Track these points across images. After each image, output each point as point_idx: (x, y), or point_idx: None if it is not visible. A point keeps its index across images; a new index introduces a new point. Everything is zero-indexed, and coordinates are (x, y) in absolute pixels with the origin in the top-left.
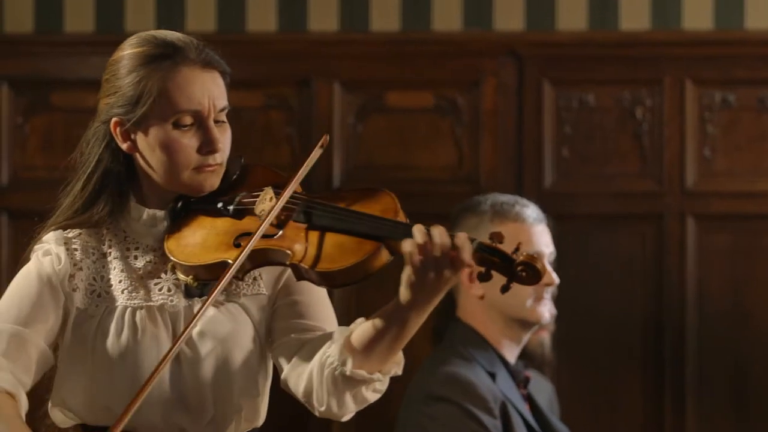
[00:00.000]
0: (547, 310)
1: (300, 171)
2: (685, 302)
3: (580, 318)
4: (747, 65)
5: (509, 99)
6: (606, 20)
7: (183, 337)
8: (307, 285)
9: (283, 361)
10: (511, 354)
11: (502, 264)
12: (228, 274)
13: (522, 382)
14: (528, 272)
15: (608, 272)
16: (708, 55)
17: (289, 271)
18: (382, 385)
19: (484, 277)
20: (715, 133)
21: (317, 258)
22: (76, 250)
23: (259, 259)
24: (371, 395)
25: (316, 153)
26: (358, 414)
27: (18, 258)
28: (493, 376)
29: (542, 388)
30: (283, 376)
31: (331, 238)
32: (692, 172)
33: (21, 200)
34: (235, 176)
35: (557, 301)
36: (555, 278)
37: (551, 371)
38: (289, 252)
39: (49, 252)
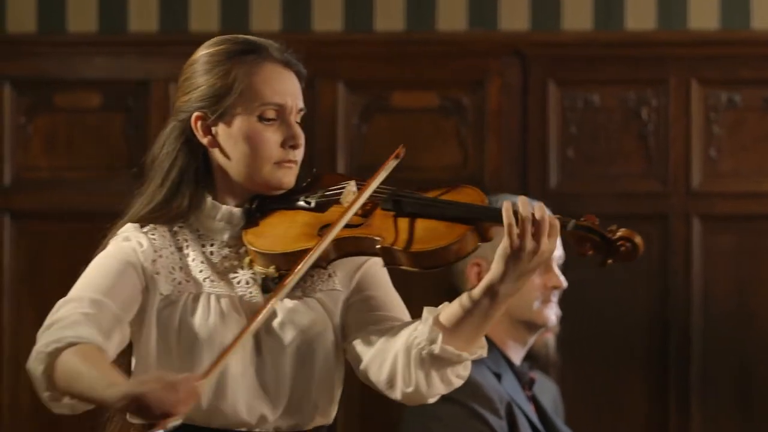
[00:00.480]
0: (553, 313)
1: (387, 163)
2: (690, 303)
3: (585, 318)
4: (753, 65)
5: (514, 99)
6: (611, 20)
7: (273, 301)
8: (381, 281)
9: (362, 352)
10: (517, 355)
11: (601, 241)
12: (317, 249)
13: (527, 384)
14: (627, 246)
15: (613, 273)
16: (713, 55)
17: (363, 268)
18: (465, 369)
19: (582, 254)
20: (720, 134)
21: (409, 241)
22: (154, 239)
23: (346, 247)
24: (455, 379)
25: (391, 164)
26: (362, 414)
27: (21, 259)
28: (498, 376)
29: (547, 389)
30: (362, 366)
31: (421, 223)
32: (698, 173)
33: (24, 201)
34: (305, 183)
35: (562, 301)
36: (563, 281)
37: (555, 372)
38: (377, 238)
39: (129, 238)
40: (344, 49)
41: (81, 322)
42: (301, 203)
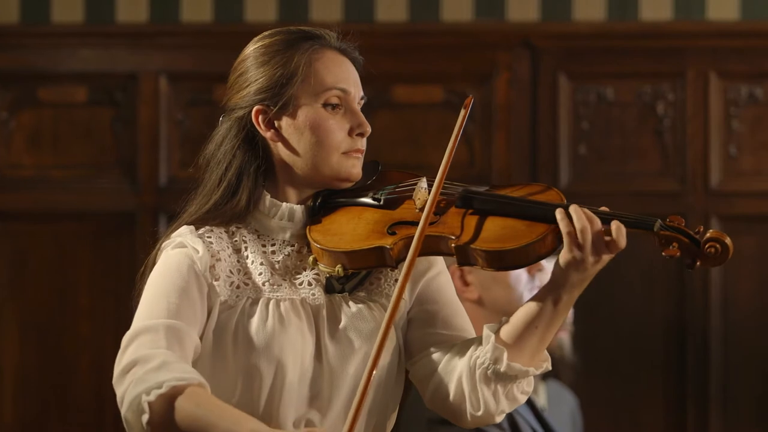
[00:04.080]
0: None
1: (453, 139)
2: (709, 308)
3: (599, 325)
4: None
5: (523, 93)
6: (626, 10)
7: (385, 328)
8: (444, 295)
9: (426, 377)
10: None
11: (689, 243)
12: (419, 234)
13: None
14: (716, 248)
15: (628, 276)
16: (734, 47)
17: (425, 279)
18: (529, 385)
19: (669, 255)
20: (741, 130)
21: (485, 239)
22: (211, 242)
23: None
24: (521, 396)
25: (461, 122)
26: None
27: (3, 262)
28: None
29: (565, 401)
30: (428, 394)
31: (498, 221)
32: (717, 171)
33: (6, 201)
34: (370, 181)
35: (575, 307)
36: (545, 263)
37: (573, 375)
38: (452, 236)
39: (184, 244)
40: (341, 36)
41: (171, 360)
42: (368, 200)
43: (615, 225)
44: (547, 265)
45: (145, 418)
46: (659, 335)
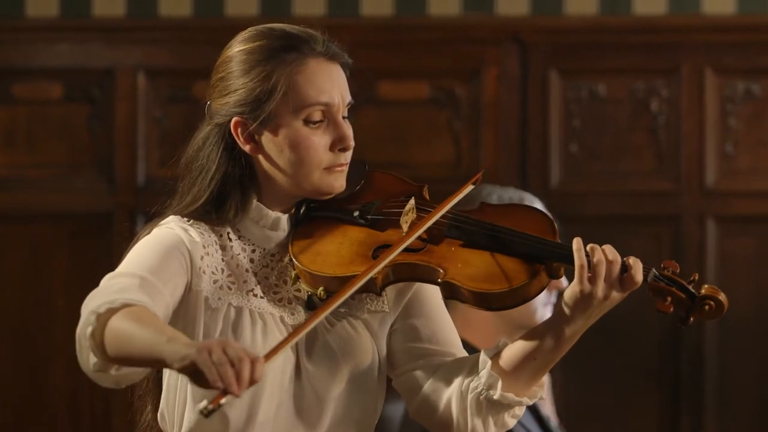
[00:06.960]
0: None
1: (455, 197)
2: None
3: (590, 331)
4: None
5: (512, 90)
6: (618, 4)
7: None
8: (431, 307)
9: (412, 390)
10: None
11: (685, 298)
12: (355, 286)
13: None
14: (711, 305)
15: None
16: (730, 42)
17: (411, 291)
18: (521, 410)
19: (662, 310)
20: (737, 127)
21: (473, 277)
22: (201, 233)
23: (404, 273)
24: (510, 421)
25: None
26: None
27: None
28: None
29: None
30: (414, 407)
31: (488, 258)
32: (712, 170)
33: None
34: (358, 186)
35: None
36: (564, 282)
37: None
38: (440, 270)
39: (174, 228)
40: (328, 35)
41: (134, 289)
42: (355, 218)
43: (632, 258)
44: (566, 281)
45: (89, 329)
46: (652, 342)
